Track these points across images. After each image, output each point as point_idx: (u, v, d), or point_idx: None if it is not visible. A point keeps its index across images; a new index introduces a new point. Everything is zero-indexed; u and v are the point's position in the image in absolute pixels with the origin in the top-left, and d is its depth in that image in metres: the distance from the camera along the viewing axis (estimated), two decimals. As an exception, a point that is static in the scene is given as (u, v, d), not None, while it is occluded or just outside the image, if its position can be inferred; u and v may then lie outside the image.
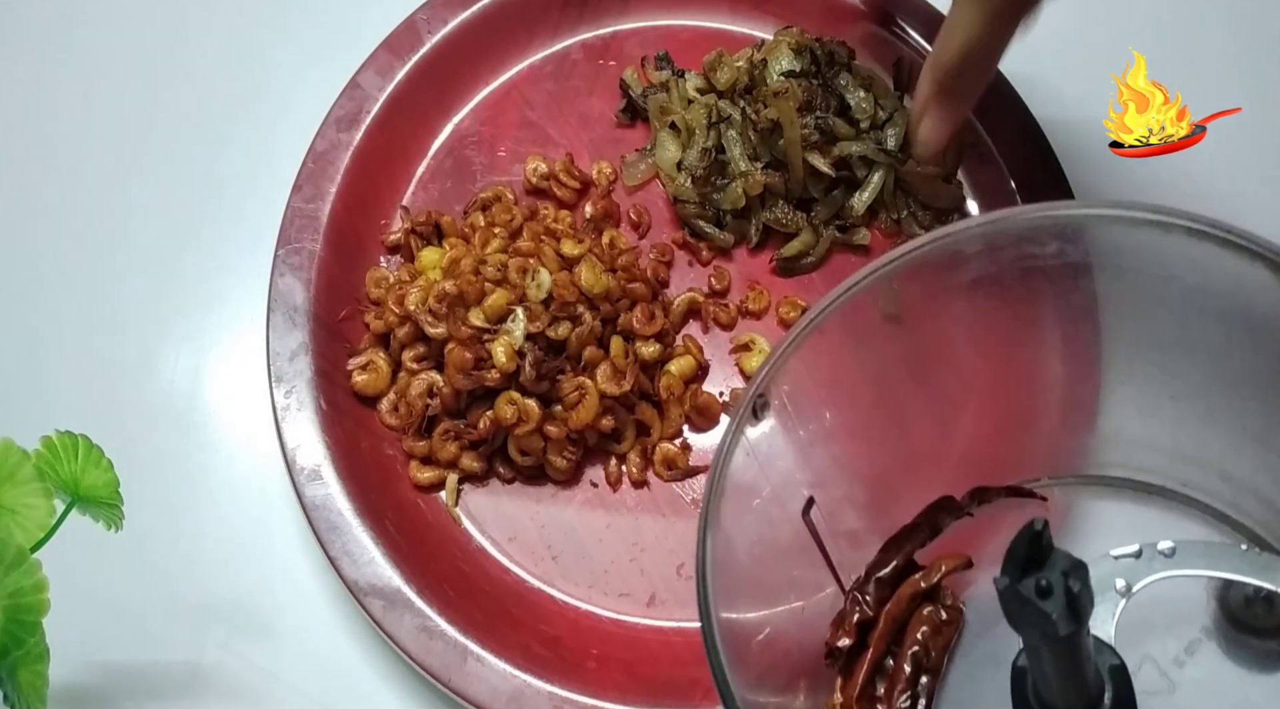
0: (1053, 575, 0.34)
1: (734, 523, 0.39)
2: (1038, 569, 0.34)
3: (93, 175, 0.67)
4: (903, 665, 0.42)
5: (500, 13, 0.66)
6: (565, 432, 0.56)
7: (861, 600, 0.43)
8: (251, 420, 0.60)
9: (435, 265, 0.59)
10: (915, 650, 0.43)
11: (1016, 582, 0.34)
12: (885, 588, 0.44)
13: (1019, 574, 0.34)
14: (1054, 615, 0.33)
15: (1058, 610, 0.33)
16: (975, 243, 0.41)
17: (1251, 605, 0.41)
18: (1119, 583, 0.41)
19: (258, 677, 0.55)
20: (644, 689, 0.53)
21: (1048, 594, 0.33)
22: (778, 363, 0.40)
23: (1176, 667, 0.41)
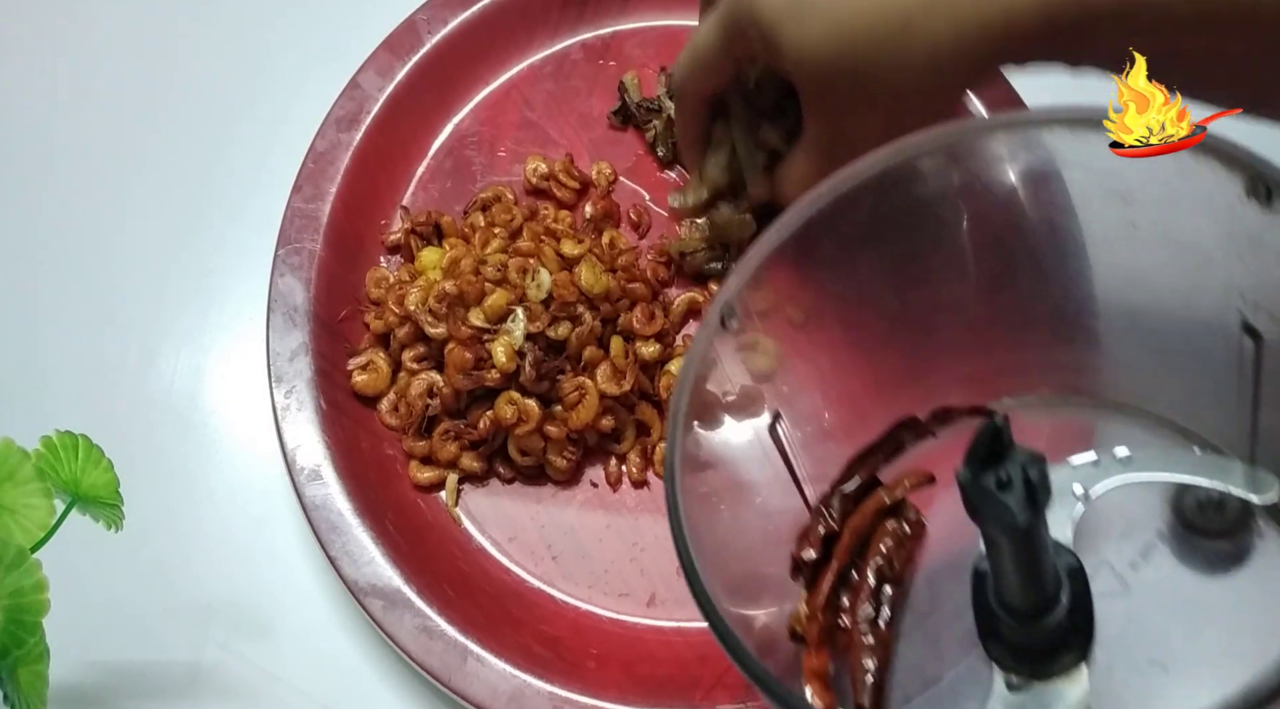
0: (1012, 469, 0.35)
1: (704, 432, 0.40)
2: (998, 464, 0.35)
3: (92, 175, 0.67)
4: (866, 577, 0.43)
5: (500, 13, 0.66)
6: (565, 432, 0.56)
7: (826, 515, 0.44)
8: (251, 420, 0.60)
9: (435, 265, 0.59)
10: (879, 562, 0.44)
11: (978, 476, 0.35)
12: (850, 502, 0.44)
13: (980, 469, 0.35)
14: (1013, 506, 0.34)
15: (1017, 502, 0.34)
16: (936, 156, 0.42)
17: (1204, 510, 0.42)
18: (1077, 489, 0.42)
19: (257, 676, 0.55)
20: (644, 689, 0.53)
21: (1007, 487, 0.34)
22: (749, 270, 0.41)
23: (1131, 570, 0.42)
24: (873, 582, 0.43)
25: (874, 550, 0.44)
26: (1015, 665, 0.40)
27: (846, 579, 0.43)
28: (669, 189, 0.63)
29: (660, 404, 0.58)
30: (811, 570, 0.43)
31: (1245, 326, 0.41)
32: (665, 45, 0.66)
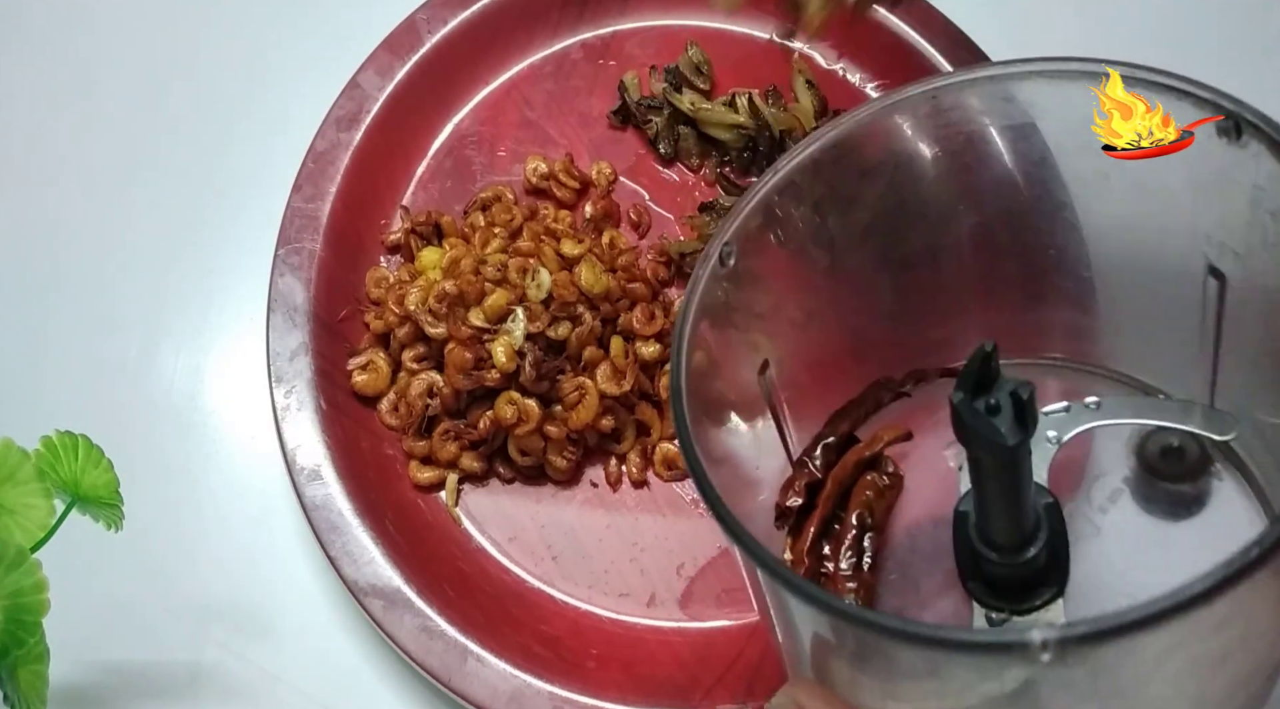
0: (1000, 395, 0.36)
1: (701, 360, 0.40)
2: (987, 391, 0.36)
3: (93, 175, 0.67)
4: (849, 525, 0.44)
5: (500, 13, 0.66)
6: (565, 432, 0.56)
7: (810, 464, 0.45)
8: (251, 420, 0.60)
9: (435, 265, 0.59)
10: (860, 512, 0.44)
11: (970, 399, 0.36)
12: (832, 453, 0.45)
13: (971, 394, 0.36)
14: (1002, 428, 0.36)
15: (1006, 424, 0.36)
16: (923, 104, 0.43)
17: (1166, 456, 0.44)
18: (1050, 434, 0.44)
19: (258, 676, 0.55)
20: (644, 689, 0.53)
21: (995, 412, 0.36)
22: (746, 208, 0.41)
23: (1100, 513, 0.44)
24: (855, 529, 0.44)
25: (856, 501, 0.45)
26: (995, 602, 0.41)
27: (829, 529, 0.44)
28: (669, 189, 0.63)
29: (660, 404, 0.58)
30: (796, 517, 0.44)
31: (1210, 269, 0.42)
32: (665, 45, 0.66)
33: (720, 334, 0.42)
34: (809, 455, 0.45)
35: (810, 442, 0.46)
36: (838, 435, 0.46)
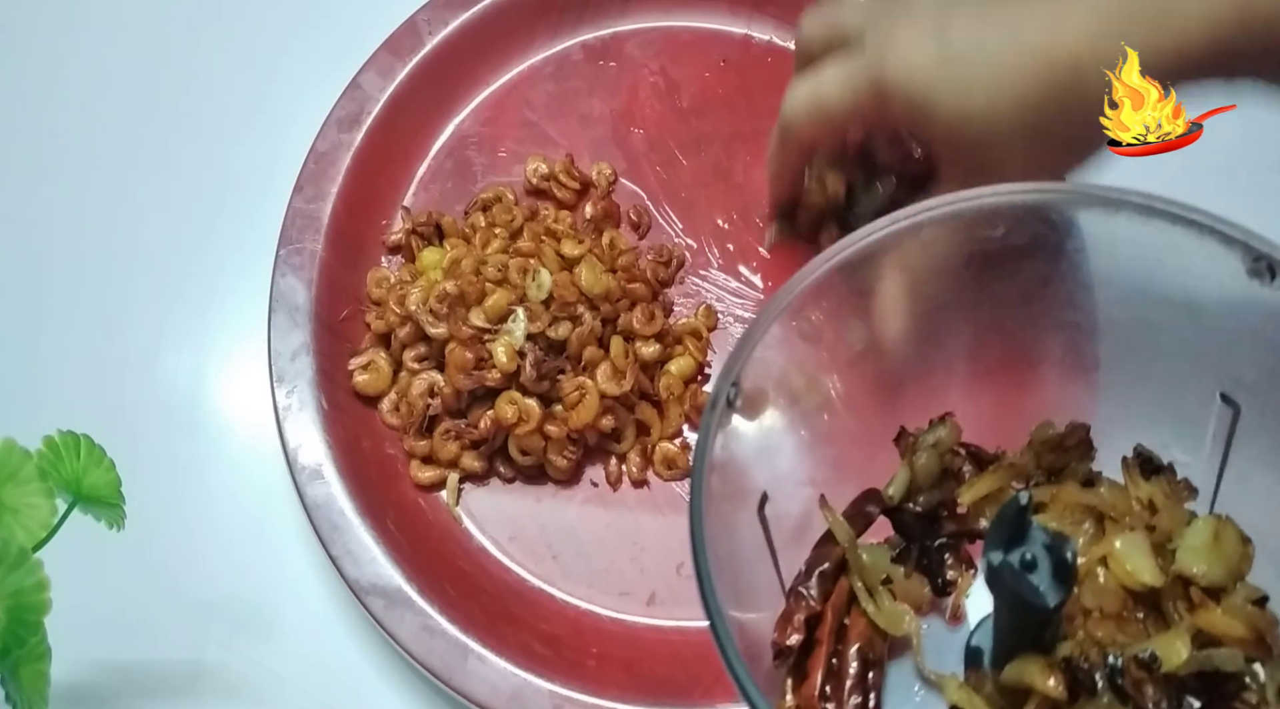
0: (1035, 549, 0.35)
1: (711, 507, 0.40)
2: (1020, 544, 0.35)
3: (95, 176, 0.67)
4: (848, 660, 0.43)
5: (500, 13, 0.66)
6: (565, 431, 0.56)
7: (806, 596, 0.43)
8: (253, 420, 0.60)
9: (436, 265, 0.60)
10: (861, 647, 0.43)
11: (1006, 557, 0.35)
12: (828, 581, 0.44)
13: (1005, 549, 0.35)
14: (1042, 587, 0.35)
15: (1045, 582, 0.35)
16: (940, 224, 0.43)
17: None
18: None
19: (259, 675, 0.56)
20: (644, 688, 0.53)
21: (1032, 567, 0.35)
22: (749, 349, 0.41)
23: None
24: (857, 665, 0.42)
25: (854, 632, 0.43)
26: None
27: (829, 666, 0.43)
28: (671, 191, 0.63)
29: (660, 404, 0.58)
30: (797, 655, 0.43)
31: (1223, 397, 0.42)
32: (665, 45, 0.66)
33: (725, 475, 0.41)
34: (804, 585, 0.44)
35: (803, 570, 0.44)
36: (831, 560, 0.44)
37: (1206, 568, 0.40)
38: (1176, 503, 0.42)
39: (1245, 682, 0.39)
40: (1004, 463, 0.45)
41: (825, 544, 0.45)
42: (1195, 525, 0.41)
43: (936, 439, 0.45)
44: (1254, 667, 0.39)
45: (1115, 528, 0.42)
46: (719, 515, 0.39)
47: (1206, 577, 0.40)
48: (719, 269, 0.62)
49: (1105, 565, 0.41)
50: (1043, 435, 0.45)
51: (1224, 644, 0.39)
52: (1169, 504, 0.42)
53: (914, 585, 0.44)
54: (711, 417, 0.40)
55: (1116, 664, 0.38)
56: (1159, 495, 0.42)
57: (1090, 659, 0.39)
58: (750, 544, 0.43)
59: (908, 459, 0.45)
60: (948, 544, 0.45)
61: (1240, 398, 0.42)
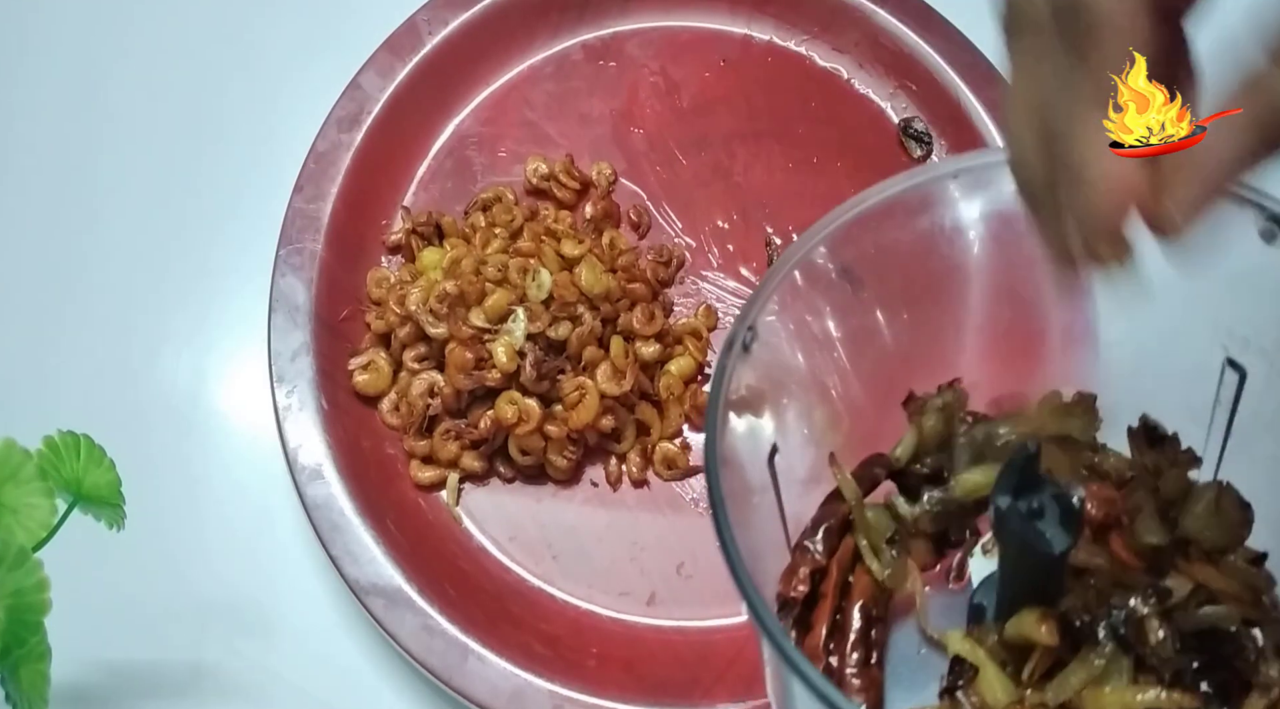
0: (1044, 498, 0.36)
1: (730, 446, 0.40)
2: (1029, 494, 0.36)
3: (94, 176, 0.67)
4: (851, 618, 0.43)
5: (501, 13, 0.66)
6: (566, 431, 0.56)
7: (812, 550, 0.43)
8: (253, 420, 0.60)
9: (436, 265, 0.60)
10: (864, 604, 0.43)
11: (1014, 503, 0.36)
12: (834, 537, 0.44)
13: (1013, 496, 0.36)
14: (1048, 534, 0.35)
15: (1051, 529, 0.35)
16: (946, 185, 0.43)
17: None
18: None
19: (259, 675, 0.56)
20: (644, 688, 0.53)
21: (1038, 516, 0.36)
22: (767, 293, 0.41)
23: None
24: (859, 623, 0.43)
25: (858, 589, 0.43)
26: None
27: (833, 620, 0.43)
28: (671, 191, 0.63)
29: (660, 404, 0.58)
30: (801, 608, 0.43)
31: (1229, 362, 0.42)
32: (665, 46, 0.66)
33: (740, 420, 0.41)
34: (809, 540, 0.44)
35: (809, 525, 0.44)
36: (837, 516, 0.44)
37: (1209, 532, 0.41)
38: (1180, 470, 0.43)
39: (1243, 644, 0.39)
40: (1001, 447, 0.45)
41: (832, 501, 0.45)
42: (1197, 492, 0.42)
43: (944, 403, 0.45)
44: (1253, 631, 0.40)
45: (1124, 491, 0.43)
46: (731, 462, 0.39)
47: (1210, 540, 0.41)
48: (719, 269, 0.62)
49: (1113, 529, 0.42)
50: (1049, 405, 0.45)
51: (1221, 601, 0.40)
52: (1173, 472, 0.43)
53: (919, 541, 0.45)
54: (728, 357, 0.40)
55: (1119, 615, 0.39)
56: (1164, 463, 0.43)
57: (1091, 610, 0.39)
58: (759, 494, 0.43)
59: (916, 422, 0.45)
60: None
61: (1247, 363, 0.41)
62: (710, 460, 0.38)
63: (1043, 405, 0.45)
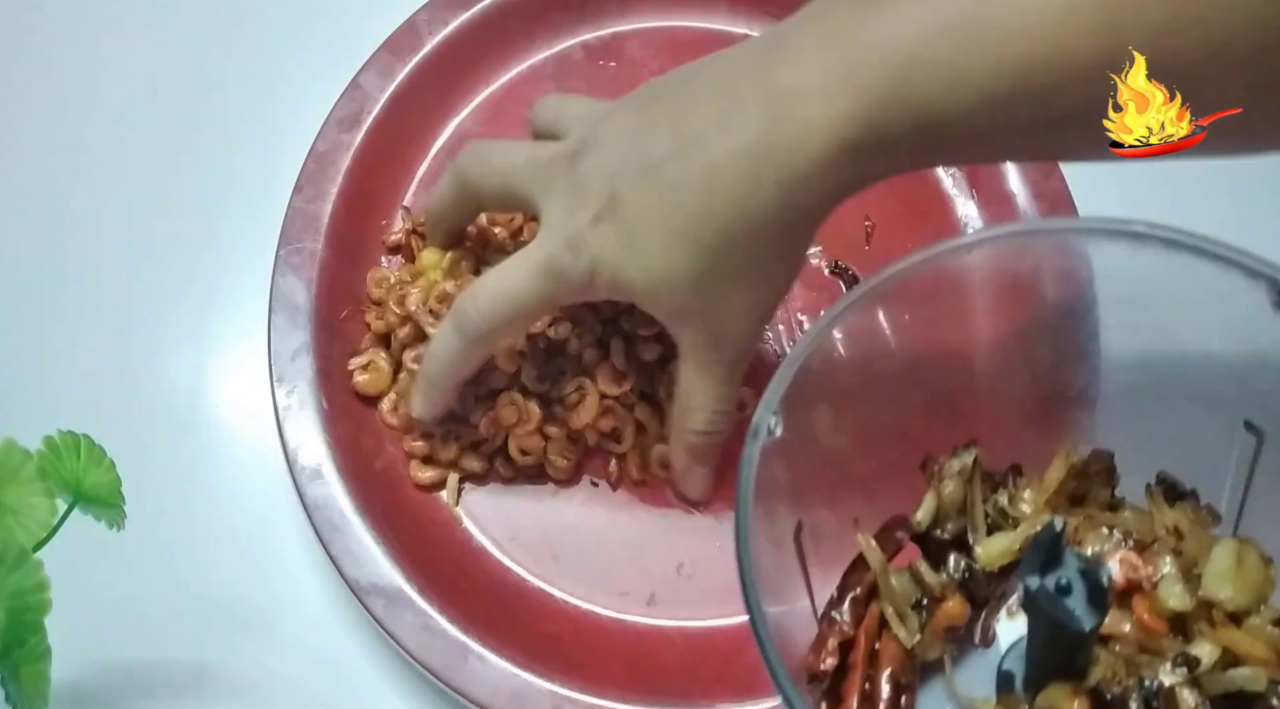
0: (1070, 574, 0.36)
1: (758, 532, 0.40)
2: (1055, 569, 0.36)
3: (94, 176, 0.67)
4: (880, 688, 0.43)
5: (501, 14, 0.66)
6: (566, 432, 0.56)
7: (839, 621, 0.44)
8: (253, 420, 0.60)
9: (436, 265, 0.60)
10: (893, 671, 0.43)
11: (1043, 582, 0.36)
12: (860, 606, 0.44)
13: (1041, 574, 0.36)
14: (1077, 611, 0.36)
15: (1080, 606, 0.36)
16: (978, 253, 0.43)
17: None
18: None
19: (259, 675, 0.56)
20: (644, 688, 0.53)
21: (1067, 592, 0.36)
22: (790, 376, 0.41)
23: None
24: (889, 692, 0.43)
25: (886, 656, 0.43)
26: None
27: (862, 691, 0.43)
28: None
29: (660, 404, 0.58)
30: (831, 680, 0.43)
31: (1247, 424, 0.42)
32: (665, 46, 0.66)
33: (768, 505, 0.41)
34: (836, 610, 0.44)
35: (835, 594, 0.45)
36: (863, 585, 0.44)
37: (1232, 592, 0.40)
38: (1201, 528, 0.43)
39: (1272, 703, 0.39)
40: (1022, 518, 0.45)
41: (856, 569, 0.45)
42: (1218, 549, 0.41)
43: (961, 466, 0.45)
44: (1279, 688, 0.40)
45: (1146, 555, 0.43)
46: (759, 545, 0.40)
47: (1232, 601, 0.40)
48: (719, 269, 0.62)
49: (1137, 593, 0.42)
50: (1067, 463, 0.45)
51: (1247, 664, 0.40)
52: (1193, 530, 0.43)
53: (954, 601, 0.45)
54: (754, 446, 0.40)
55: (1151, 686, 0.39)
56: (1183, 521, 0.43)
57: (1122, 681, 0.39)
58: (786, 571, 0.43)
59: (934, 486, 0.45)
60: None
61: (1264, 425, 0.42)
62: (742, 551, 0.38)
63: (1060, 463, 0.45)
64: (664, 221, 0.47)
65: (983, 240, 0.43)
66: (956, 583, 0.44)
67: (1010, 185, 0.61)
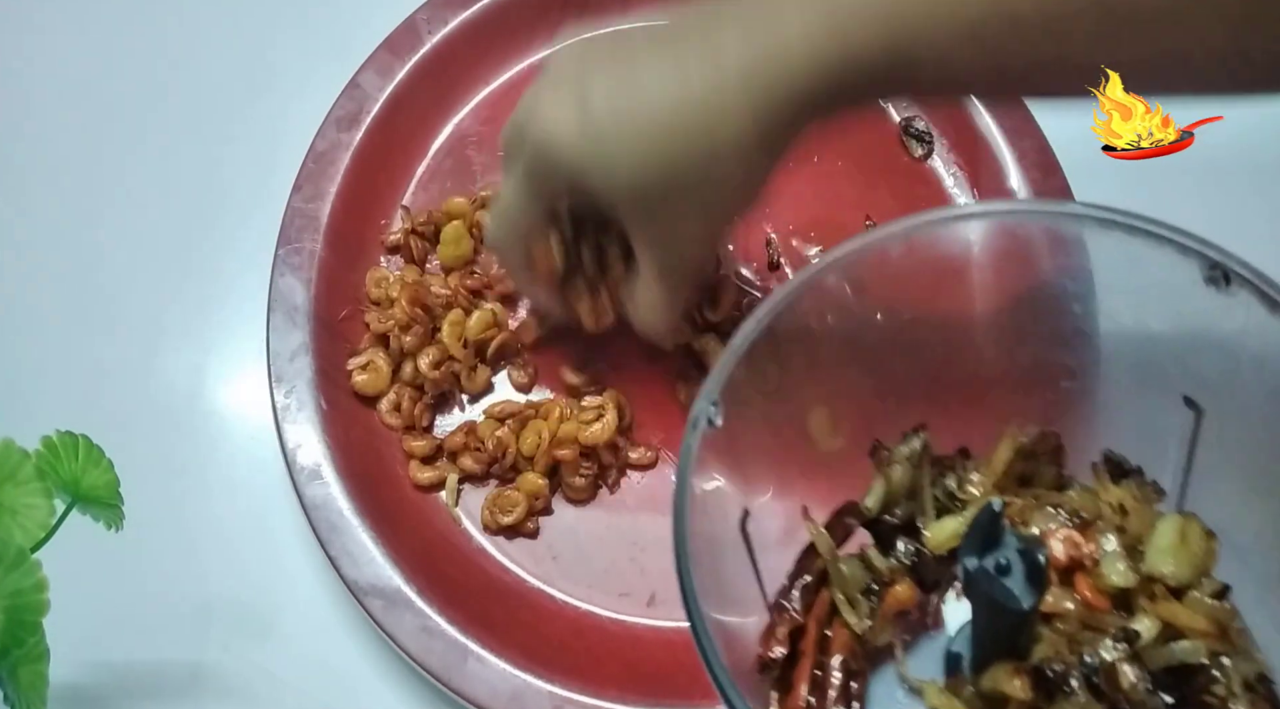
0: (1009, 554, 0.37)
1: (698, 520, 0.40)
2: (995, 549, 0.37)
3: (93, 175, 0.67)
4: (831, 673, 0.43)
5: (500, 13, 0.66)
6: (578, 449, 0.56)
7: (789, 609, 0.44)
8: (252, 420, 0.60)
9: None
10: (844, 659, 0.43)
11: (982, 562, 0.37)
12: (810, 593, 0.44)
13: (980, 555, 0.37)
14: (1016, 591, 0.37)
15: (1019, 586, 0.37)
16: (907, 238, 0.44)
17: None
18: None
19: (258, 676, 0.55)
20: (644, 688, 0.53)
21: (1006, 571, 0.37)
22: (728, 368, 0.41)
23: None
24: (839, 678, 0.43)
25: (837, 643, 0.44)
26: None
27: (813, 678, 0.43)
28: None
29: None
30: (782, 667, 0.43)
31: (1186, 400, 0.43)
32: (665, 45, 0.66)
33: (709, 493, 0.41)
34: (786, 598, 0.44)
35: (785, 582, 0.45)
36: (813, 573, 0.45)
37: (1174, 567, 0.41)
38: (1145, 505, 0.44)
39: (1214, 675, 0.40)
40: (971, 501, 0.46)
41: (806, 557, 0.45)
42: (1162, 525, 0.42)
43: (910, 451, 0.46)
44: (1222, 660, 0.40)
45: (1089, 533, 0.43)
46: (703, 534, 0.40)
47: (1174, 576, 0.41)
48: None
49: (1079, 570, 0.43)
50: (1014, 444, 0.45)
51: (1188, 638, 0.40)
52: (1138, 506, 0.43)
53: (904, 586, 0.45)
54: (693, 436, 0.40)
55: (1091, 662, 0.40)
56: (1128, 498, 0.44)
57: (1064, 659, 0.40)
58: (733, 560, 0.44)
59: (883, 472, 0.46)
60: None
61: (1202, 400, 0.43)
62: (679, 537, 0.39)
63: (1007, 445, 0.45)
64: (633, 129, 0.47)
65: (918, 226, 0.43)
66: (906, 567, 0.45)
67: (1011, 182, 0.61)
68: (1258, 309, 0.38)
